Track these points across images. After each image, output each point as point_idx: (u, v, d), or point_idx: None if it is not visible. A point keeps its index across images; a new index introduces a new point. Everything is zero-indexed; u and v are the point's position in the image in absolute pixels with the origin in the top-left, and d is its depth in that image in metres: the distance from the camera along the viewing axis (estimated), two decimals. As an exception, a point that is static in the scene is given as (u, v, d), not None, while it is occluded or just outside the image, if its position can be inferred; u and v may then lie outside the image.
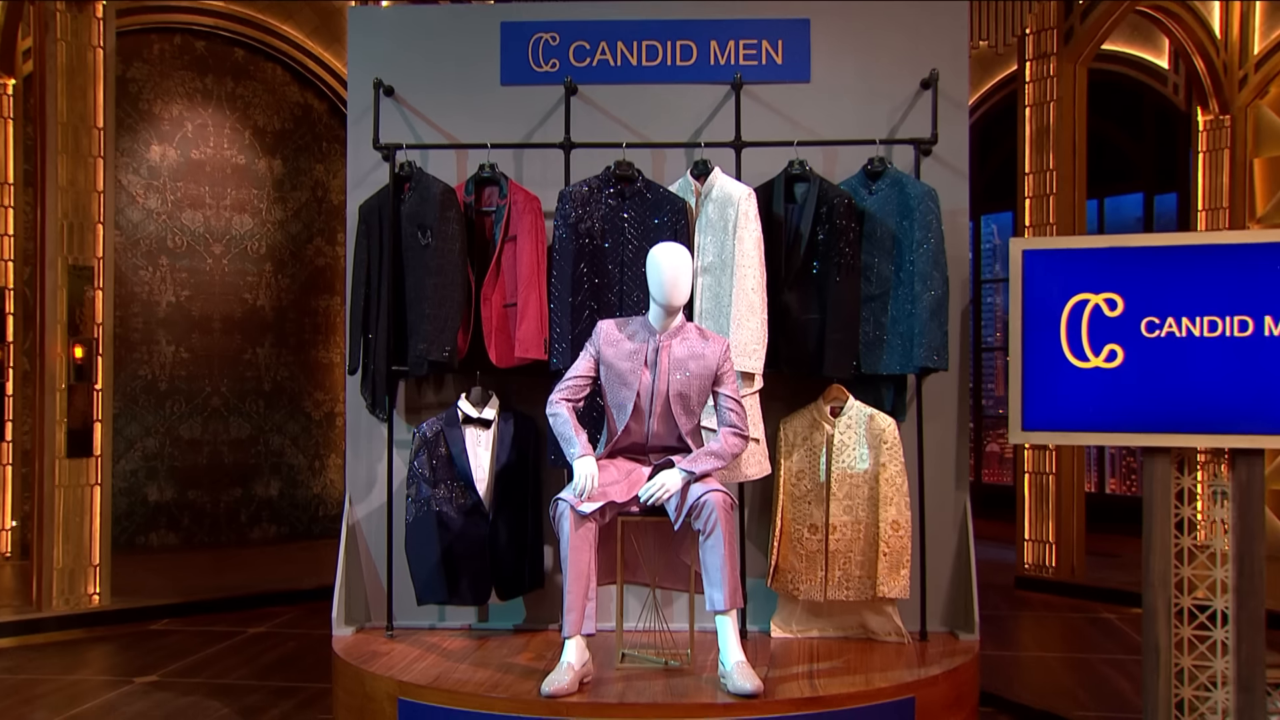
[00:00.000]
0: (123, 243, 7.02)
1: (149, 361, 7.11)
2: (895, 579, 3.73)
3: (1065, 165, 6.37)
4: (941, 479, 4.05)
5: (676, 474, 3.25)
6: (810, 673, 3.41)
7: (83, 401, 5.33)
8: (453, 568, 3.81)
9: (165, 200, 7.19)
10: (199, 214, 7.31)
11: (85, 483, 5.33)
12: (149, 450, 7.12)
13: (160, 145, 7.19)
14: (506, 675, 3.35)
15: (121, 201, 7.03)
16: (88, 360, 5.34)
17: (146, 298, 7.10)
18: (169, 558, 6.92)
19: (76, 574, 5.33)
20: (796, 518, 3.86)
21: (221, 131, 7.39)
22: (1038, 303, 3.34)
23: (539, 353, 3.79)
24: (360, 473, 4.18)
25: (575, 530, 3.19)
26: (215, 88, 7.39)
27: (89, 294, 5.33)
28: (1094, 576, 6.24)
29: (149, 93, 7.18)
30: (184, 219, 7.25)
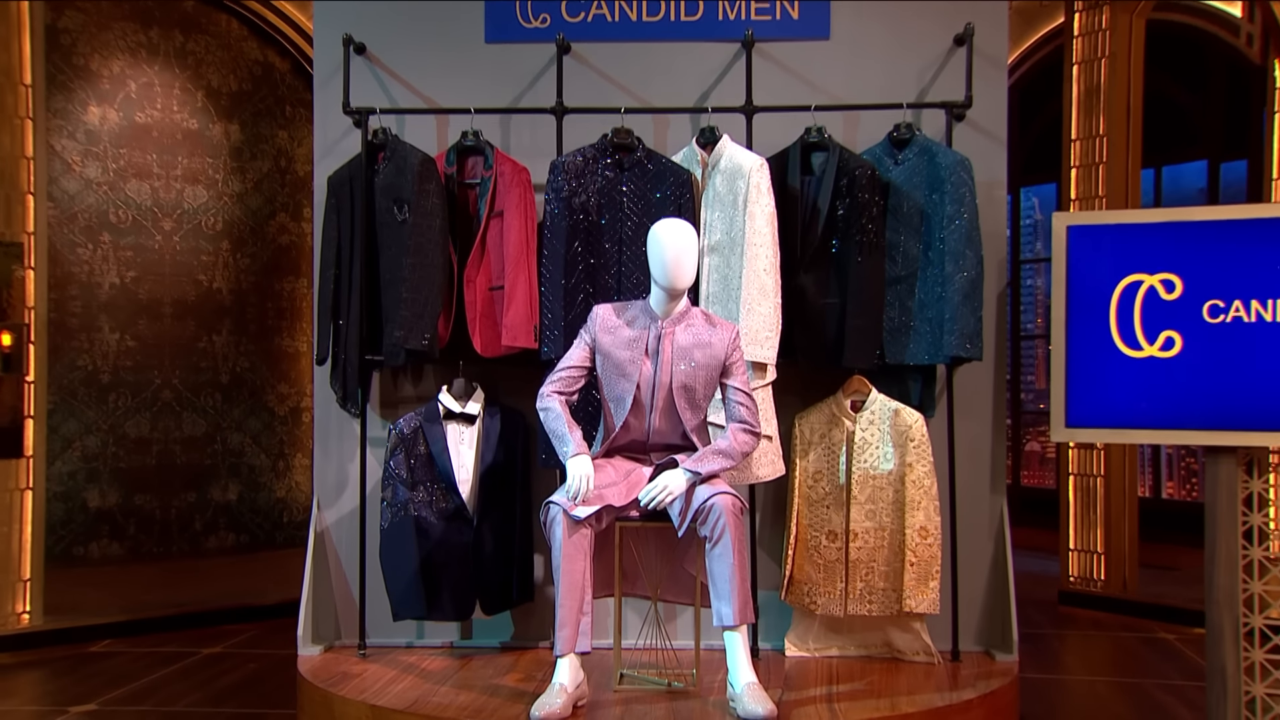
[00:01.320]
0: (57, 217, 7.05)
1: (89, 350, 7.16)
2: (923, 592, 3.81)
3: (1118, 130, 6.41)
4: (975, 481, 4.14)
5: (680, 475, 3.33)
6: (829, 696, 3.49)
7: (11, 395, 5.33)
8: (432, 579, 3.89)
9: (106, 169, 7.22)
10: (146, 185, 7.35)
11: (14, 487, 5.33)
12: (89, 450, 7.17)
13: (99, 106, 7.20)
14: (492, 698, 3.43)
15: (55, 170, 7.05)
16: (17, 349, 5.33)
17: (86, 279, 7.14)
18: (112, 571, 6.92)
19: (4, 590, 5.31)
20: (813, 524, 3.94)
21: (170, 92, 7.42)
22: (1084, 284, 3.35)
23: (528, 341, 3.87)
24: (329, 474, 4.26)
25: (569, 537, 3.26)
26: (162, 42, 7.42)
27: (18, 274, 5.32)
28: (1149, 592, 6.27)
29: (84, 46, 7.19)
30: (129, 190, 7.29)
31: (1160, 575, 6.71)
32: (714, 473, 3.36)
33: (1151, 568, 6.76)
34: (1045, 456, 9.40)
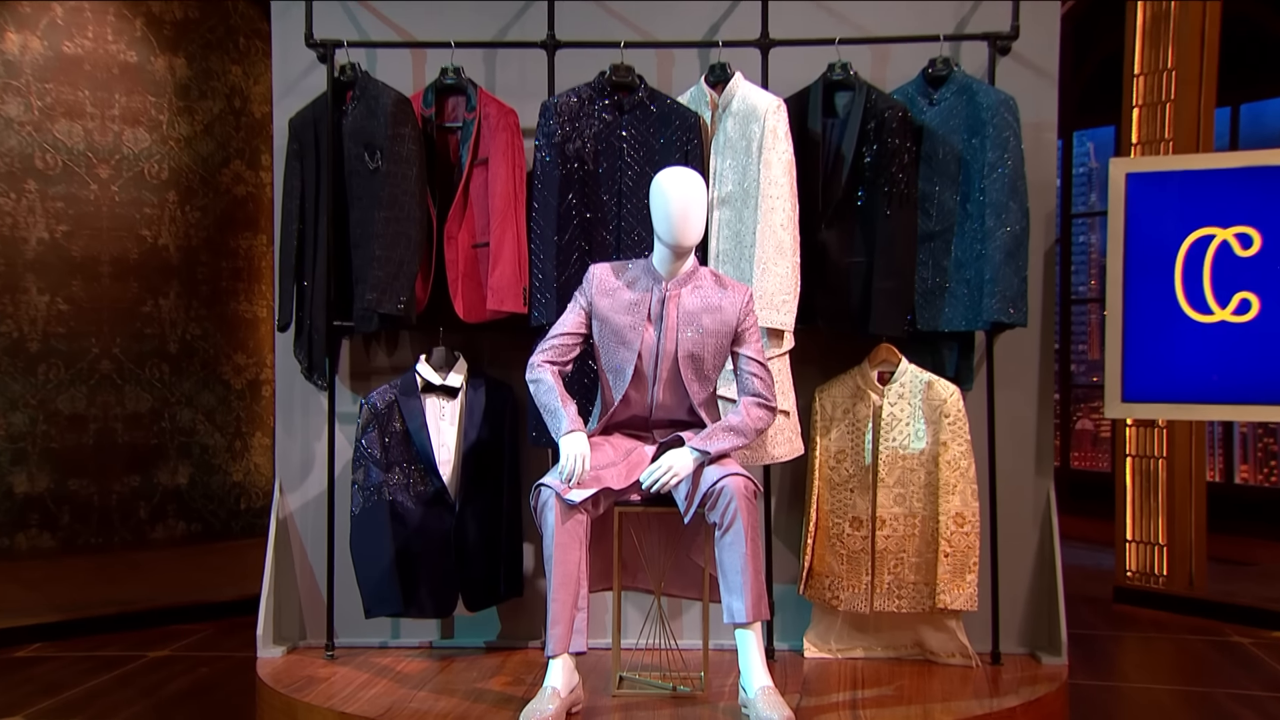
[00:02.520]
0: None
1: (14, 315, 7.16)
2: (960, 586, 3.90)
3: (1189, 63, 6.35)
4: (1018, 462, 4.20)
5: (687, 454, 3.39)
6: (853, 702, 3.56)
7: (-80, 367, 5.34)
8: (409, 571, 3.97)
9: (30, 107, 7.17)
10: (78, 126, 7.34)
11: (-74, 471, 5.36)
12: (16, 429, 7.19)
13: (19, 33, 7.12)
14: (477, 704, 3.50)
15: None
16: (-75, 312, 5.33)
17: (9, 233, 7.12)
18: (42, 565, 6.91)
19: (-84, 588, 5.28)
20: (836, 509, 4.03)
21: (103, 19, 7.39)
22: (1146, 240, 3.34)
23: (516, 305, 3.93)
24: (293, 454, 4.34)
25: (562, 524, 3.33)
26: (92, -41, 7.41)
27: (-76, 227, 5.33)
28: (1219, 589, 6.27)
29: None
30: (57, 132, 7.27)
31: (1232, 571, 6.71)
32: (724, 452, 3.43)
33: (1222, 562, 6.74)
34: (1099, 436, 9.44)
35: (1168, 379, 3.41)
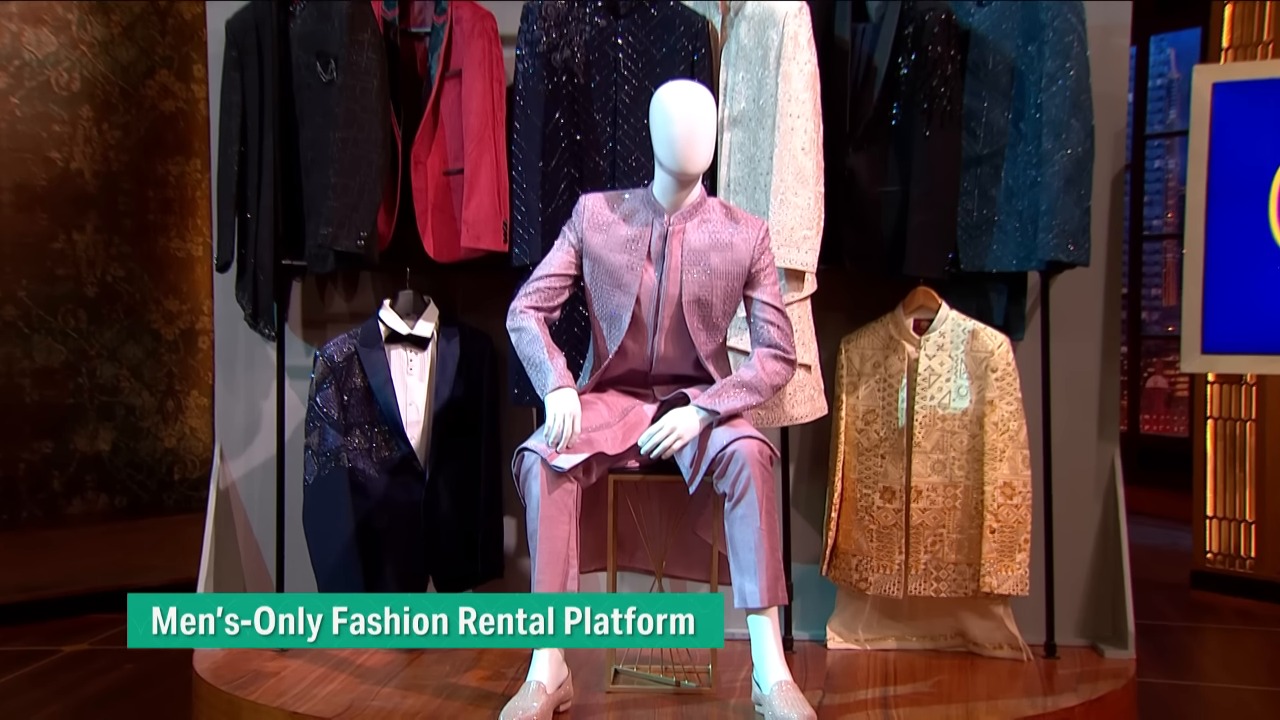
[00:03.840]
0: None
1: (-103, 253, 7.21)
2: (1008, 568, 3.96)
3: (1292, -51, 6.31)
4: (1078, 425, 4.26)
5: (693, 414, 3.44)
6: (884, 700, 3.63)
7: None
8: (372, 549, 4.04)
9: (-93, 2, 7.15)
10: (-34, 26, 7.32)
11: None
12: (-97, 385, 7.25)
13: None
14: (450, 702, 3.56)
15: None
16: None
17: (-115, 153, 7.15)
18: None
19: None
20: (864, 478, 4.10)
21: (0, -103, 7.37)
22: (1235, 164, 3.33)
23: (495, 242, 3.97)
24: (236, 415, 4.41)
25: (548, 494, 3.38)
26: None
27: None
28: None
29: None
30: (-59, 34, 7.26)
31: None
32: (736, 411, 3.48)
33: (1319, 542, 6.89)
34: (1174, 395, 9.43)
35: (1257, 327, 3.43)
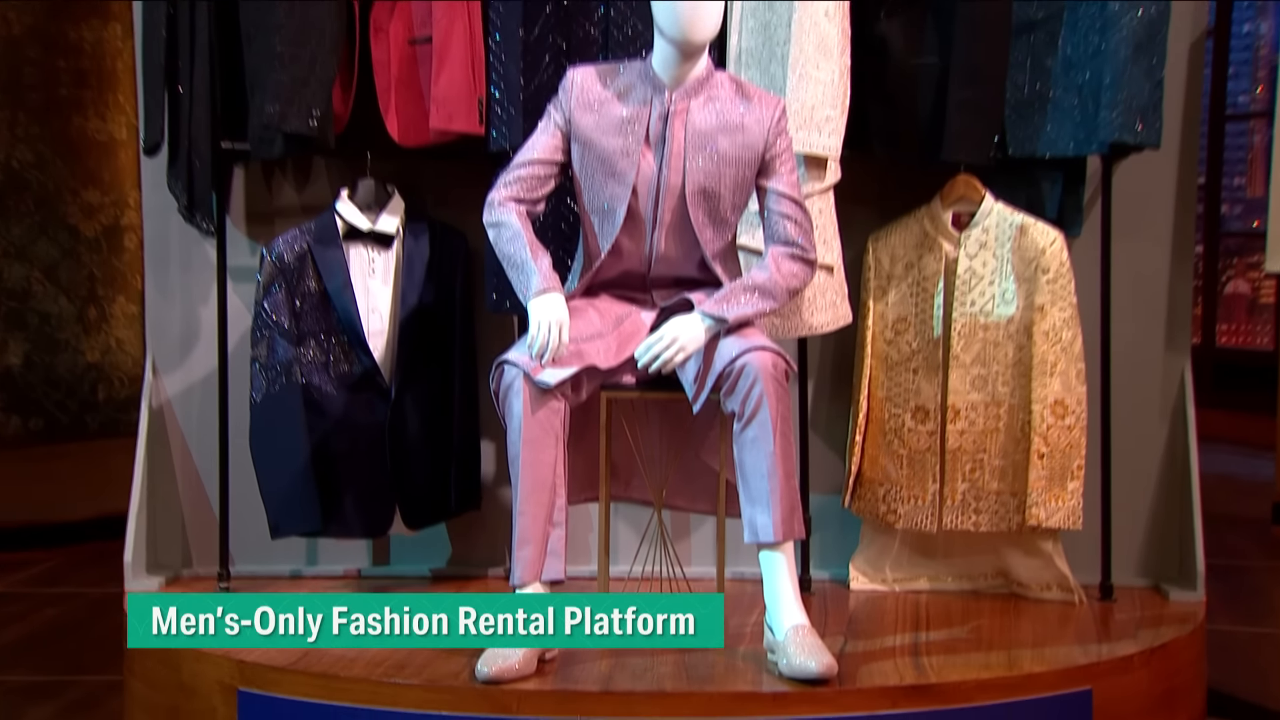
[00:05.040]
0: None
1: None
2: (1058, 498, 3.99)
3: None
4: (1142, 335, 4.30)
5: (697, 322, 3.45)
6: (915, 647, 3.67)
7: None
8: (331, 478, 4.08)
9: None
10: None
11: None
12: None
13: None
14: (420, 650, 3.53)
15: None
16: None
17: None
18: None
19: None
20: (894, 396, 4.14)
21: None
22: None
23: (469, 123, 3.97)
24: (170, 324, 4.43)
25: (532, 414, 3.40)
26: None
27: None
28: None
29: None
30: None
31: None
32: (746, 319, 3.49)
33: None
34: (1257, 302, 9.41)
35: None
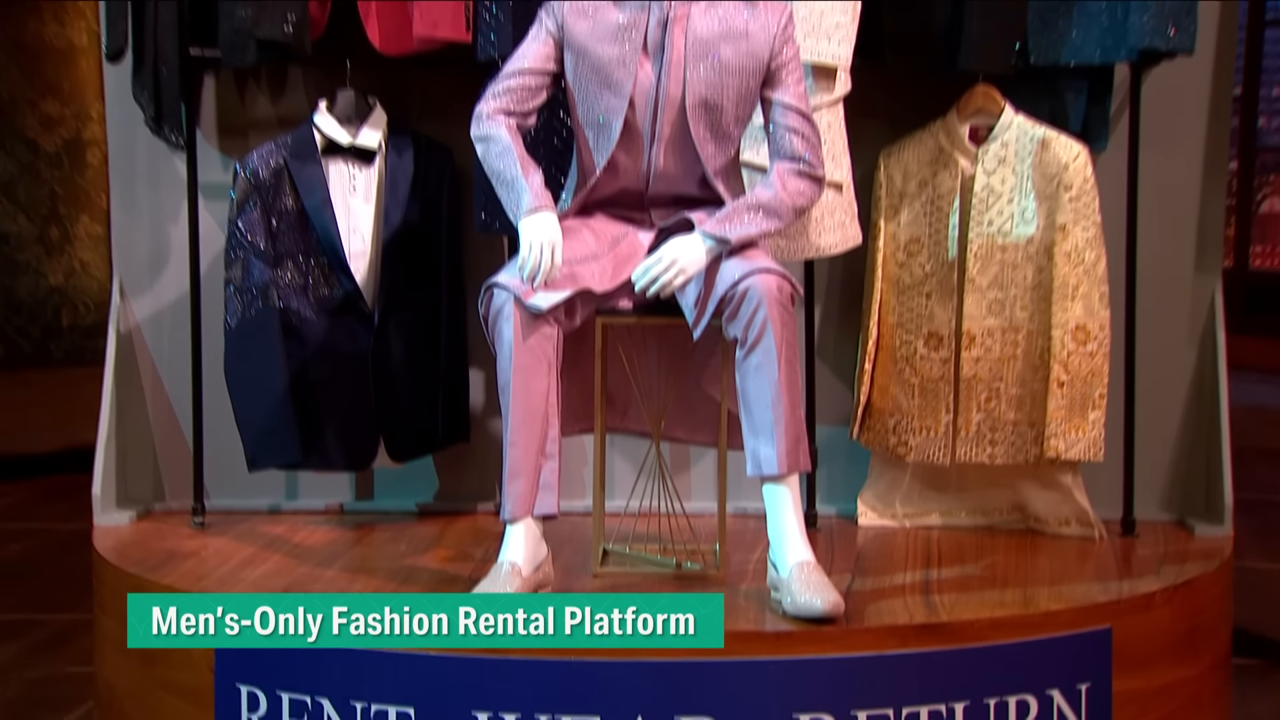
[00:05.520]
0: None
1: None
2: (1078, 428, 4.02)
3: None
4: (1171, 256, 4.32)
5: (698, 243, 3.45)
6: (926, 584, 3.72)
7: None
8: (311, 408, 4.11)
9: None
10: None
11: None
12: None
13: None
14: (406, 586, 3.64)
15: None
16: None
17: None
18: None
19: None
20: (906, 321, 4.15)
21: None
22: None
23: (456, 30, 3.96)
24: (138, 245, 4.44)
25: (523, 340, 3.41)
26: None
27: None
28: None
29: None
30: None
31: None
32: (750, 239, 3.49)
33: None
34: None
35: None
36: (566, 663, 3.19)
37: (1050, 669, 3.40)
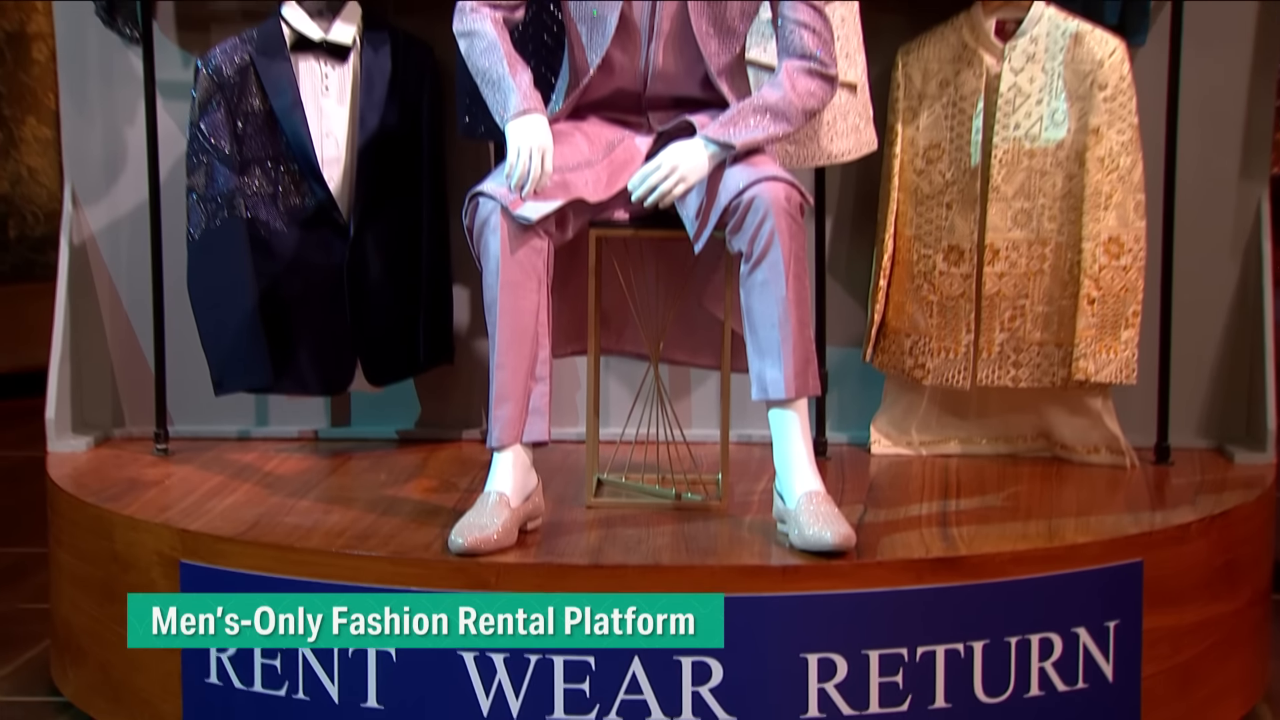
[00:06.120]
0: None
1: None
2: (1111, 349, 4.02)
3: None
4: (1214, 162, 4.29)
5: (699, 148, 3.43)
6: (944, 516, 3.73)
7: None
8: (282, 327, 4.12)
9: None
10: None
11: None
12: None
13: None
14: (386, 518, 3.66)
15: None
16: None
17: None
18: None
19: None
20: (924, 234, 4.15)
21: None
22: None
23: None
24: (91, 149, 4.44)
25: (511, 253, 3.41)
26: None
27: None
28: None
29: None
30: None
31: None
32: (756, 144, 3.47)
33: None
34: None
35: None
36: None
37: (1076, 606, 3.42)
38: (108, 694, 3.74)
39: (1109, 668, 3.45)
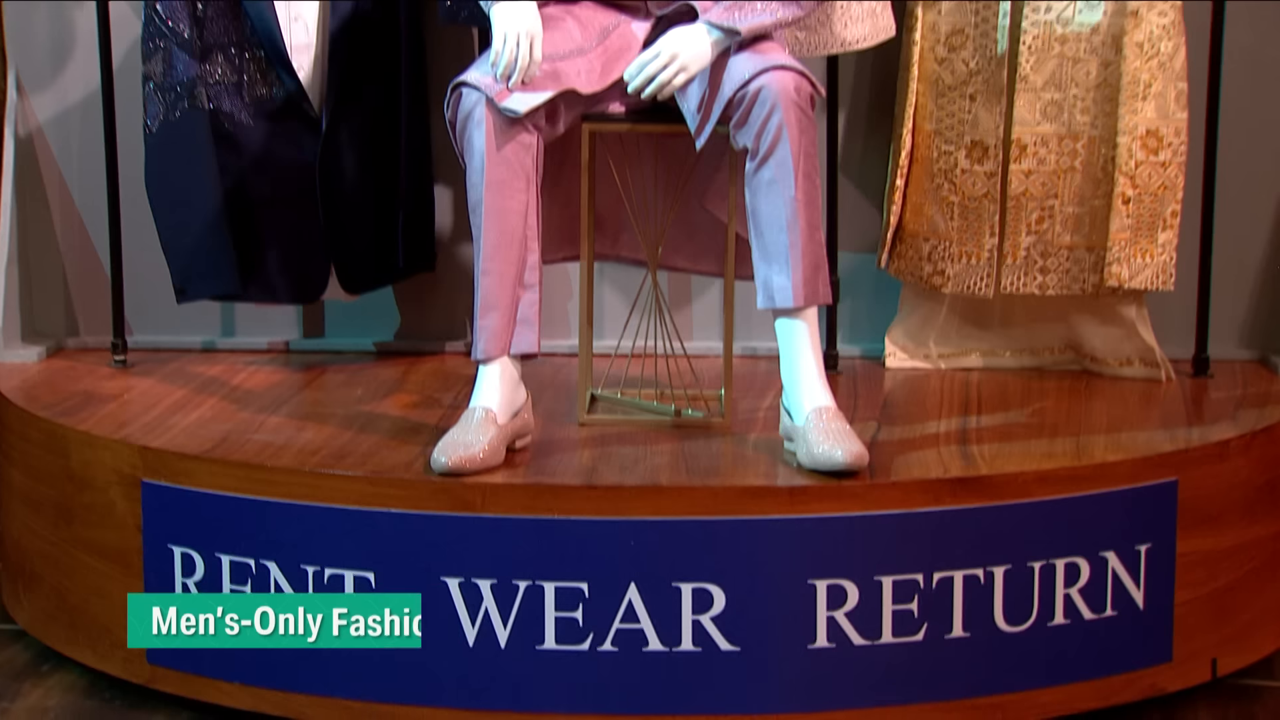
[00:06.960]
0: None
1: None
2: (1147, 252, 4.05)
3: None
4: (1264, 47, 4.29)
5: (701, 34, 3.44)
6: (964, 433, 3.78)
7: None
8: (249, 229, 4.14)
9: None
10: None
11: None
12: None
13: None
14: (362, 435, 3.72)
15: None
16: None
17: None
18: None
19: None
20: (945, 129, 4.17)
21: None
22: None
23: None
24: (36, 30, 4.44)
25: (497, 150, 3.43)
26: None
27: None
28: None
29: None
30: None
31: None
32: (763, 30, 3.49)
33: None
34: None
35: None
36: (548, 521, 3.29)
37: (1105, 528, 3.46)
38: (64, 621, 3.81)
39: (1139, 594, 3.50)
